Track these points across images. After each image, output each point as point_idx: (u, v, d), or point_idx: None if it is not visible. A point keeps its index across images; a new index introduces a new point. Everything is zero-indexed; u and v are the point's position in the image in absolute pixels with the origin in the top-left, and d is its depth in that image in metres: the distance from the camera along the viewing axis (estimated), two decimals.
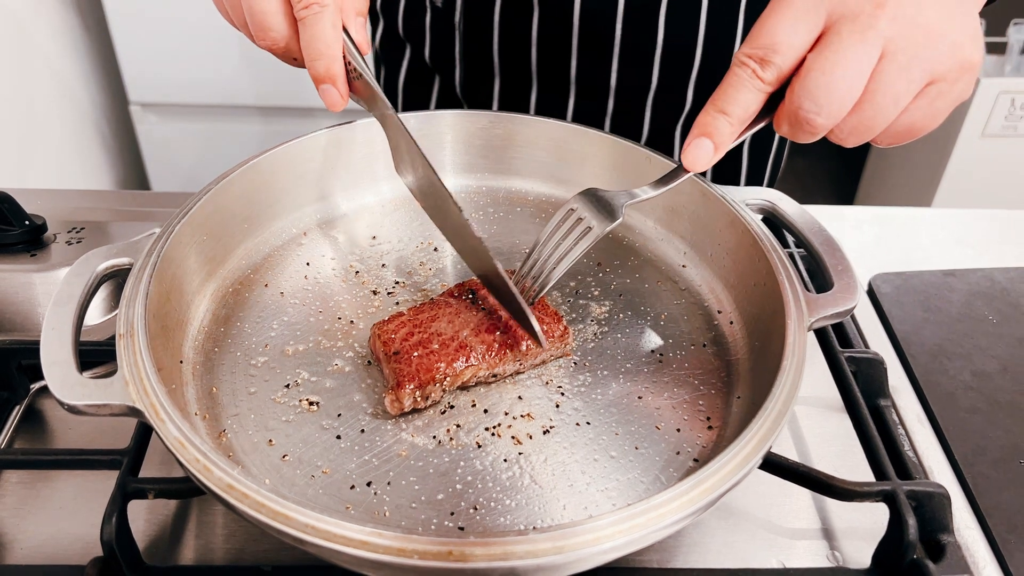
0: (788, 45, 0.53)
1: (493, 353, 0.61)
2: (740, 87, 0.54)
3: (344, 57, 0.64)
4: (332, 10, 0.62)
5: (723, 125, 0.55)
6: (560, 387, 0.63)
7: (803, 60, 0.53)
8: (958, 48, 0.53)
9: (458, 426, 0.60)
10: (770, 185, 1.07)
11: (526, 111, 0.96)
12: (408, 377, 0.59)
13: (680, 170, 0.60)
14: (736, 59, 0.55)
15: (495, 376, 0.62)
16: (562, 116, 0.95)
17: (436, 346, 0.61)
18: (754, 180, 1.05)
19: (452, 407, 0.61)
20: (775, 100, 0.55)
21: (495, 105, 0.97)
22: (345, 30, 0.64)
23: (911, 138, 0.56)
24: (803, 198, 0.74)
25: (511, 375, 0.64)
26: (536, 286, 0.63)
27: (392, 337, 0.62)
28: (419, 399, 0.59)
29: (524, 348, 0.62)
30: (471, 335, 0.62)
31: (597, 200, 0.63)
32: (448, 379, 0.60)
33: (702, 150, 0.56)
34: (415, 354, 0.60)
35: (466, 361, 0.61)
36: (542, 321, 0.63)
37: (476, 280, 0.67)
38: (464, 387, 0.62)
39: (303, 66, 0.65)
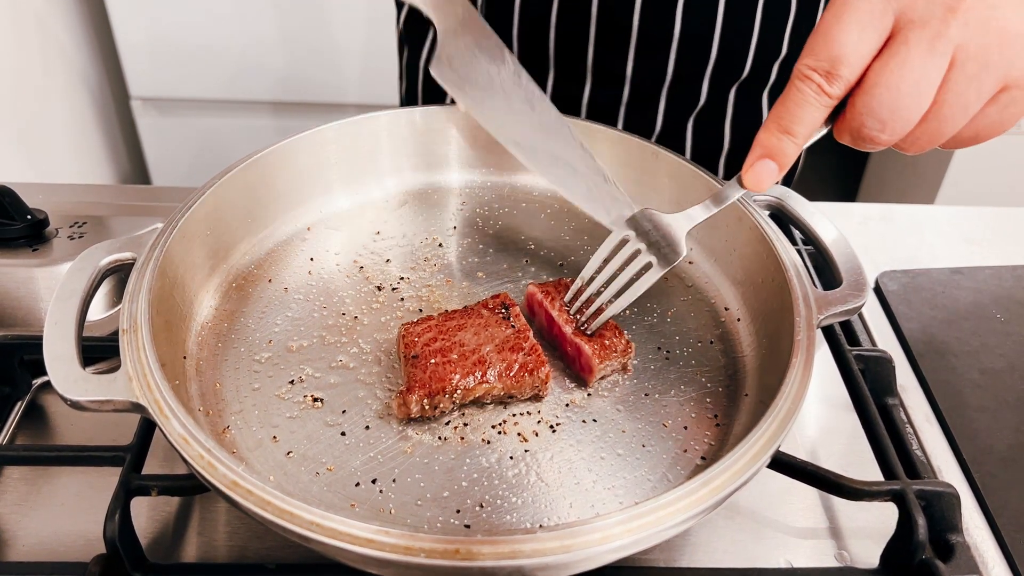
0: (856, 56, 0.49)
1: (511, 374, 0.60)
2: (805, 105, 0.51)
3: None
4: None
5: (788, 146, 0.52)
6: (566, 384, 0.63)
7: (868, 67, 0.50)
8: None
9: (464, 423, 0.59)
10: (786, 185, 1.07)
11: None
12: (419, 383, 0.58)
13: (737, 187, 0.57)
14: (798, 72, 0.51)
15: (511, 397, 0.61)
16: (578, 103, 0.95)
17: (455, 356, 0.60)
18: None
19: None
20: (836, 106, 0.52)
21: None
22: None
23: (978, 143, 0.53)
24: (805, 195, 0.74)
25: (529, 399, 0.62)
26: (591, 323, 0.62)
27: (415, 340, 0.61)
28: (427, 407, 0.58)
29: (543, 374, 0.60)
30: (493, 351, 0.61)
31: (653, 228, 0.61)
32: (460, 392, 0.59)
33: (767, 172, 0.53)
34: (432, 361, 0.59)
35: (481, 377, 0.59)
36: (602, 336, 0.62)
37: (508, 296, 0.65)
38: (478, 403, 0.61)
39: None
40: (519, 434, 0.59)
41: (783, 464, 0.57)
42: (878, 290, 0.84)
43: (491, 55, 0.70)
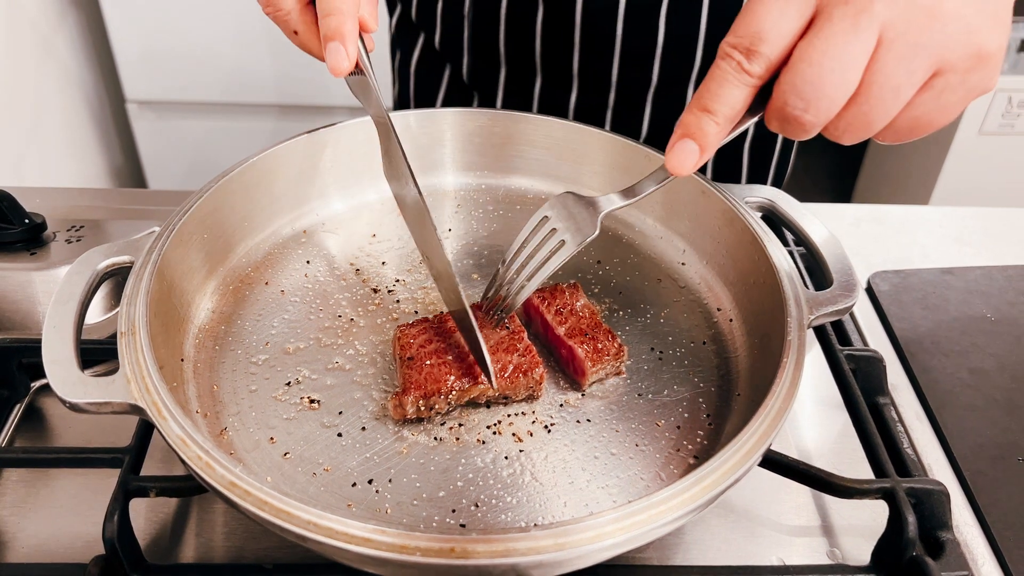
0: (776, 32, 0.47)
1: (506, 375, 0.60)
2: (725, 82, 0.49)
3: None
4: None
5: (708, 125, 0.50)
6: (560, 384, 0.63)
7: (794, 45, 0.48)
8: (972, 33, 0.46)
9: (460, 424, 0.60)
10: (777, 185, 1.07)
11: (530, 102, 0.96)
12: (415, 384, 0.58)
13: (663, 172, 0.55)
14: (720, 50, 0.49)
15: (506, 398, 0.61)
16: (565, 108, 0.96)
17: (450, 358, 0.60)
18: (756, 181, 1.05)
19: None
20: (768, 90, 0.50)
21: (500, 94, 0.98)
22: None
23: (918, 135, 0.51)
24: (800, 196, 0.75)
25: (525, 399, 0.62)
26: (509, 301, 0.62)
27: (410, 342, 0.61)
28: (423, 408, 0.59)
29: (538, 375, 0.60)
30: (488, 352, 0.61)
31: (573, 208, 0.60)
32: (455, 393, 0.59)
33: (686, 153, 0.51)
34: (427, 362, 0.60)
35: (476, 378, 0.60)
36: (595, 339, 0.63)
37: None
38: (473, 403, 0.61)
39: (303, 44, 0.63)
40: (514, 434, 0.59)
41: (776, 463, 0.57)
42: (870, 290, 0.85)
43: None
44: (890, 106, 0.48)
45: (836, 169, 2.87)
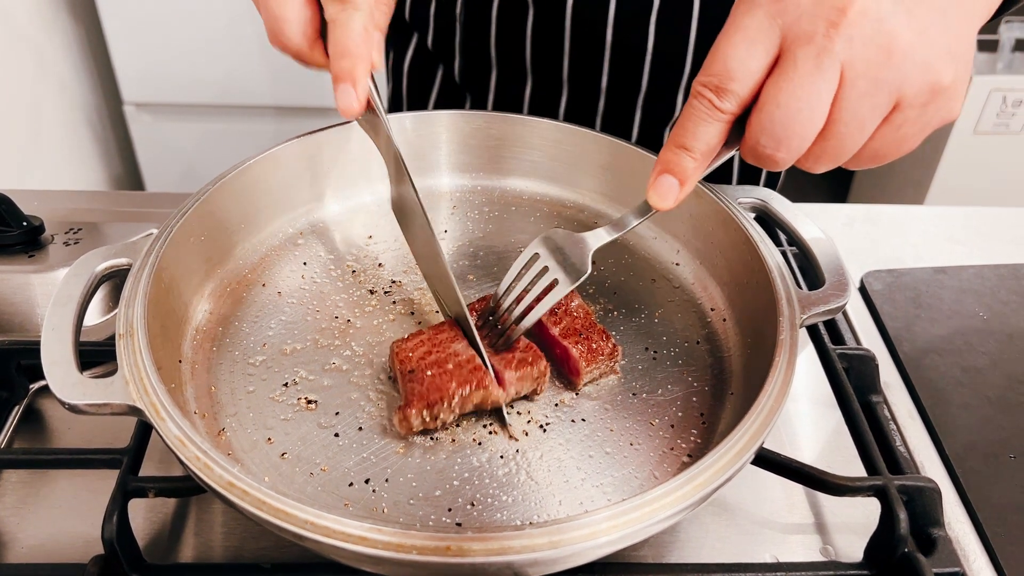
0: (744, 70, 0.49)
1: (511, 369, 0.60)
2: (699, 120, 0.51)
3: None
4: (365, 13, 0.61)
5: (686, 161, 0.52)
6: (555, 384, 0.64)
7: (763, 83, 0.49)
8: (927, 69, 0.48)
9: (456, 424, 0.60)
10: (771, 188, 1.08)
11: (521, 104, 0.97)
12: (417, 396, 0.58)
13: (647, 206, 0.56)
14: (693, 89, 0.51)
15: (511, 404, 0.62)
16: (555, 111, 0.97)
17: (451, 366, 0.60)
18: (747, 183, 1.05)
19: None
20: (744, 119, 0.52)
21: (492, 96, 0.99)
22: None
23: (881, 163, 0.52)
24: (796, 196, 0.75)
25: (525, 397, 0.62)
26: (501, 341, 0.62)
27: (409, 356, 0.61)
28: (428, 419, 0.58)
29: (542, 367, 0.61)
30: (488, 357, 0.61)
31: (563, 244, 0.61)
32: (458, 400, 0.59)
33: (667, 188, 0.53)
34: (428, 373, 0.59)
35: (479, 384, 0.59)
36: (590, 339, 0.63)
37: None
38: (479, 409, 0.61)
39: (311, 65, 0.64)
40: (509, 434, 0.60)
41: (769, 461, 0.58)
42: (863, 290, 0.85)
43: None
44: (856, 139, 0.50)
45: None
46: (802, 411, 0.71)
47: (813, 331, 0.71)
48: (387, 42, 1.10)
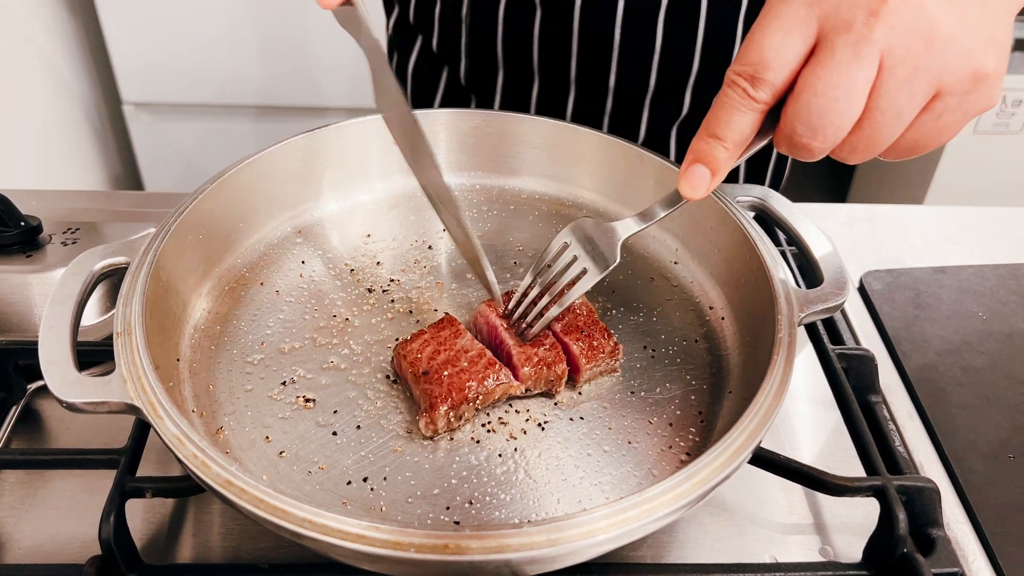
0: (780, 60, 0.48)
1: (532, 365, 0.61)
2: (732, 109, 0.50)
3: None
4: None
5: (718, 151, 0.52)
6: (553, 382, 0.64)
7: (799, 73, 0.49)
8: (969, 56, 0.47)
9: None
10: (773, 187, 1.08)
11: (528, 106, 0.97)
12: (441, 398, 0.57)
13: (677, 196, 0.56)
14: (727, 78, 0.50)
15: (528, 391, 0.62)
16: (562, 113, 0.96)
17: (465, 364, 0.60)
18: (753, 182, 1.05)
19: None
20: (777, 110, 0.51)
21: (498, 98, 0.98)
22: None
23: (919, 153, 0.51)
24: (796, 196, 0.75)
25: (541, 393, 0.63)
26: (531, 329, 0.62)
27: (419, 357, 0.60)
28: (452, 419, 0.58)
29: (560, 371, 0.61)
30: (513, 345, 0.61)
31: (593, 234, 0.61)
32: (480, 397, 0.59)
33: (698, 178, 0.53)
34: (444, 373, 0.59)
35: (497, 378, 0.59)
36: (591, 337, 0.63)
37: (490, 301, 0.66)
38: (493, 405, 0.61)
39: None
40: (508, 432, 0.60)
41: (768, 461, 0.58)
42: (862, 290, 0.85)
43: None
44: (893, 129, 0.49)
45: (832, 169, 2.88)
46: (801, 411, 0.71)
47: (812, 331, 0.71)
48: (391, 44, 1.10)
